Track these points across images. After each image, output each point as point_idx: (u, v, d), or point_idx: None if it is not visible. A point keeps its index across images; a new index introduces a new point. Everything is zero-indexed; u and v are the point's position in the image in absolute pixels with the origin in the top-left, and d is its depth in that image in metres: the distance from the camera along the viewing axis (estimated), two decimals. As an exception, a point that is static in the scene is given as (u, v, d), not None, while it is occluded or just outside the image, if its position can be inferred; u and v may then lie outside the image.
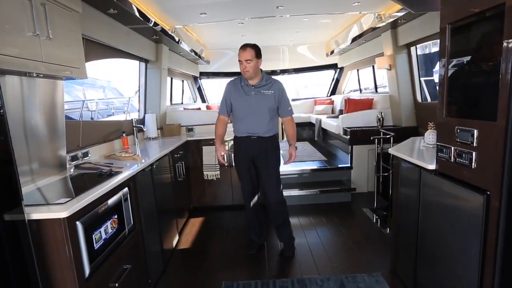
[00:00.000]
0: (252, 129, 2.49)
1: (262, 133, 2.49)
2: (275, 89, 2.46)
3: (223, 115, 2.59)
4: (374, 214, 3.44)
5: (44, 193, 1.67)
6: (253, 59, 2.35)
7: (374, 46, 4.38)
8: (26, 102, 1.76)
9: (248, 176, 2.62)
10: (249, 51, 2.35)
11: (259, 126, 2.48)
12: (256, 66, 2.39)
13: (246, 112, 2.48)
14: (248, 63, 2.35)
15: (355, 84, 6.26)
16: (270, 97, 2.45)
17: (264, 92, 2.45)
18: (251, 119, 2.47)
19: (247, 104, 2.46)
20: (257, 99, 2.45)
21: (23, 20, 1.44)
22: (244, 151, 2.57)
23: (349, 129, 3.98)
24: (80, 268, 1.43)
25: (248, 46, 2.36)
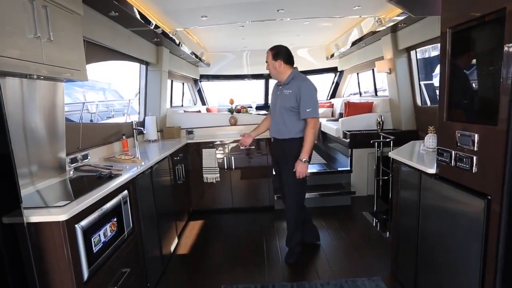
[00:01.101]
0: (272, 129, 2.55)
1: (280, 134, 2.46)
2: (293, 88, 2.34)
3: (269, 114, 2.71)
4: (374, 217, 3.43)
5: (43, 195, 1.66)
6: (270, 61, 2.41)
7: (374, 49, 4.40)
8: (26, 104, 1.75)
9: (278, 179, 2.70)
10: (268, 54, 2.43)
11: (276, 127, 2.48)
12: (274, 68, 2.41)
13: (272, 111, 2.56)
14: (268, 65, 2.45)
15: (355, 88, 6.27)
16: (289, 96, 2.36)
17: (284, 92, 2.41)
18: (274, 119, 2.51)
19: (274, 104, 2.53)
20: (278, 99, 2.46)
21: (24, 22, 1.44)
22: (272, 153, 2.73)
23: (349, 132, 3.98)
24: (78, 272, 1.42)
25: (268, 49, 2.44)
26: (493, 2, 1.27)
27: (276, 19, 3.52)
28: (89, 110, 5.31)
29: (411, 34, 3.46)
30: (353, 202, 3.86)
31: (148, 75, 3.82)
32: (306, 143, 2.33)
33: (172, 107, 5.26)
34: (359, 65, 5.39)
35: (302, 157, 2.33)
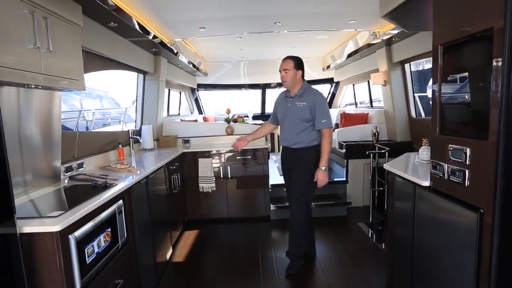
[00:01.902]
0: (284, 139, 2.59)
1: (293, 144, 2.50)
2: (308, 101, 2.43)
3: (269, 122, 2.77)
4: (370, 228, 3.43)
5: (37, 205, 1.65)
6: (291, 69, 2.42)
7: (370, 62, 4.48)
8: (22, 112, 1.75)
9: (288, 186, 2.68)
10: (288, 61, 2.44)
11: (290, 137, 2.51)
12: (294, 77, 2.43)
13: (282, 122, 2.60)
14: (286, 72, 2.43)
15: (351, 98, 6.35)
16: (303, 109, 2.43)
17: (297, 104, 2.46)
18: (285, 129, 2.56)
19: (283, 115, 2.56)
20: (290, 110, 2.50)
21: (24, 32, 1.46)
22: (282, 161, 2.67)
23: (344, 143, 4.01)
24: (70, 283, 1.40)
25: (288, 58, 2.47)
26: (482, 21, 1.31)
27: (273, 31, 3.59)
28: (85, 118, 5.31)
29: (405, 47, 3.54)
30: (349, 213, 3.86)
31: (145, 84, 3.84)
32: (325, 152, 2.45)
33: (168, 115, 5.27)
34: (355, 77, 5.47)
35: (322, 166, 2.45)
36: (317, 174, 2.46)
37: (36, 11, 1.49)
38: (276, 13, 2.92)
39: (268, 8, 2.77)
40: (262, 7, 2.72)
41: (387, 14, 2.04)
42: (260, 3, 2.62)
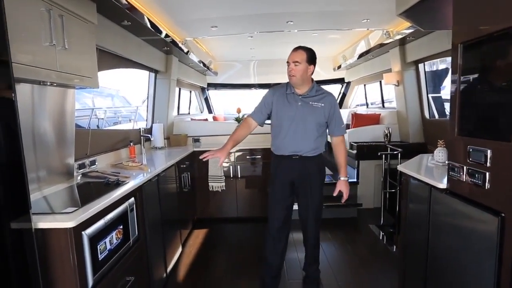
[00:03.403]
0: (294, 146, 2.09)
1: (306, 152, 2.10)
2: (326, 102, 2.08)
3: (253, 119, 2.18)
4: (381, 231, 3.38)
5: (51, 201, 1.66)
6: (302, 62, 1.99)
7: (382, 62, 4.41)
8: (36, 109, 1.78)
9: (284, 206, 2.19)
10: (300, 53, 2.01)
11: (302, 144, 2.09)
12: (305, 72, 2.01)
13: (289, 126, 2.08)
14: (296, 65, 1.99)
15: (362, 98, 6.27)
16: (320, 110, 2.08)
17: (313, 104, 2.07)
18: (295, 134, 2.08)
19: (291, 116, 2.07)
20: (303, 111, 2.06)
21: (41, 30, 1.47)
22: (283, 174, 2.15)
23: (355, 143, 3.96)
24: (83, 279, 1.41)
25: (300, 48, 2.04)
26: (505, 19, 1.26)
27: (284, 31, 3.56)
28: (97, 116, 5.39)
29: (419, 47, 3.46)
30: (359, 215, 3.81)
31: (156, 83, 3.86)
32: (345, 162, 2.24)
33: (179, 114, 5.30)
34: (366, 77, 5.40)
35: (345, 176, 2.22)
36: (341, 186, 2.20)
37: (52, 9, 1.51)
38: (288, 12, 2.89)
39: (280, 7, 2.75)
40: (274, 5, 2.70)
41: (404, 12, 2.00)
42: (273, 1, 2.60)
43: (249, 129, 2.20)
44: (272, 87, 2.22)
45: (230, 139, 2.13)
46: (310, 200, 2.18)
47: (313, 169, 2.15)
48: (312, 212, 2.20)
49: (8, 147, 1.22)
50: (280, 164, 2.17)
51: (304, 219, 2.24)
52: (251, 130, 2.21)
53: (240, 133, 2.17)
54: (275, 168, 2.21)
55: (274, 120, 2.16)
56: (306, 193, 2.17)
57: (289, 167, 2.14)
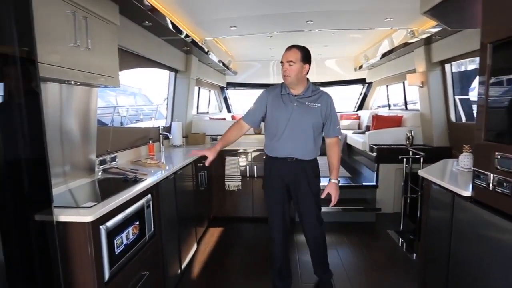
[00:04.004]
0: (290, 149, 2.05)
1: (302, 155, 2.06)
2: (322, 102, 2.03)
3: (246, 121, 2.16)
4: (400, 237, 3.26)
5: (73, 195, 1.74)
6: (297, 62, 1.93)
7: (406, 62, 4.25)
8: (64, 108, 1.86)
9: (280, 208, 2.15)
10: (294, 52, 1.95)
11: (299, 146, 2.05)
12: (300, 71, 1.95)
13: (285, 127, 2.03)
14: (290, 65, 1.93)
15: (384, 100, 6.09)
16: (316, 111, 2.03)
17: (309, 105, 2.02)
18: (290, 136, 2.03)
19: (286, 117, 2.02)
20: (299, 112, 2.02)
21: (66, 31, 1.54)
22: (277, 176, 2.11)
23: (375, 146, 3.85)
24: (100, 272, 1.46)
25: (294, 47, 1.98)
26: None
27: (304, 30, 3.52)
28: (120, 114, 5.58)
29: (446, 46, 3.31)
30: (377, 219, 3.70)
31: (176, 82, 3.94)
32: (339, 164, 2.15)
33: (198, 113, 5.38)
34: (389, 78, 5.23)
35: (336, 178, 2.11)
36: (331, 189, 2.09)
37: (77, 11, 1.57)
38: (308, 11, 2.85)
39: (300, 7, 2.71)
40: (293, 5, 2.67)
41: (429, 11, 1.91)
42: (292, 1, 2.57)
43: (240, 131, 2.17)
44: (266, 88, 2.18)
45: (220, 140, 2.15)
46: (310, 199, 2.12)
47: (309, 171, 2.10)
48: (311, 214, 2.15)
49: (33, 144, 1.29)
50: (275, 167, 2.12)
51: (304, 219, 2.18)
52: (243, 132, 2.18)
53: (230, 134, 2.16)
54: (269, 170, 2.17)
55: (269, 121, 2.11)
56: (304, 195, 2.11)
57: (285, 170, 2.09)
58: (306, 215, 2.16)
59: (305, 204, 2.13)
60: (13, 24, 1.21)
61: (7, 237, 1.27)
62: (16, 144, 1.30)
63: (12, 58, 1.21)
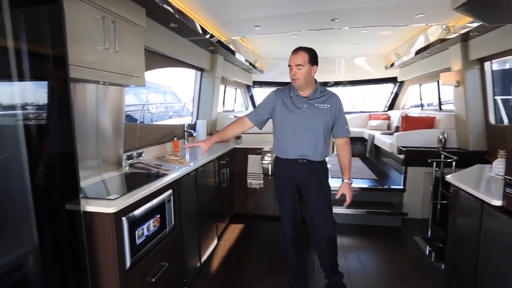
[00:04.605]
0: (302, 150, 2.05)
1: (314, 156, 2.05)
2: (332, 103, 2.04)
3: (250, 119, 2.16)
4: (428, 245, 3.10)
5: (101, 187, 1.87)
6: (305, 65, 1.94)
7: (440, 59, 4.01)
8: (99, 106, 2.02)
9: (292, 210, 2.15)
10: (302, 55, 1.95)
11: (310, 147, 2.04)
12: (308, 74, 1.96)
13: (295, 129, 2.04)
14: (298, 69, 1.95)
15: (417, 99, 5.79)
16: (326, 112, 2.03)
17: (319, 106, 2.03)
18: (301, 138, 2.04)
19: (297, 119, 2.03)
20: (309, 113, 2.02)
21: (96, 35, 1.65)
22: (288, 177, 2.12)
23: (404, 148, 3.68)
24: (122, 260, 1.56)
25: (301, 49, 1.98)
26: None
27: (333, 28, 3.43)
28: (150, 111, 5.85)
29: (485, 43, 3.07)
30: (403, 224, 3.54)
31: (202, 80, 4.04)
32: (350, 164, 2.14)
33: (223, 111, 5.48)
34: (422, 76, 4.96)
35: (349, 178, 2.12)
36: (345, 189, 2.11)
37: (106, 16, 1.68)
38: (333, 9, 2.79)
39: (324, 5, 2.66)
40: (317, 4, 2.63)
41: (461, 6, 1.79)
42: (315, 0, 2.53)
43: (242, 128, 2.18)
44: (274, 90, 2.19)
45: (219, 133, 2.22)
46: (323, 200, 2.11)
47: (320, 172, 2.10)
48: (324, 215, 2.14)
49: (64, 139, 1.41)
50: (286, 168, 2.12)
51: (316, 220, 2.16)
52: (245, 129, 2.19)
53: (231, 129, 2.19)
54: (279, 171, 2.18)
55: (278, 123, 2.12)
56: (316, 195, 2.11)
57: (296, 171, 2.09)
58: (318, 216, 2.14)
59: (317, 205, 2.12)
60: (47, 27, 1.33)
61: (42, 223, 1.40)
62: (49, 139, 1.43)
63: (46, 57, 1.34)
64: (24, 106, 1.33)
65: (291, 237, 2.21)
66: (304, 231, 2.29)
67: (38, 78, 1.35)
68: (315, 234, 2.21)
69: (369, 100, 7.93)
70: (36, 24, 1.33)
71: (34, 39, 1.31)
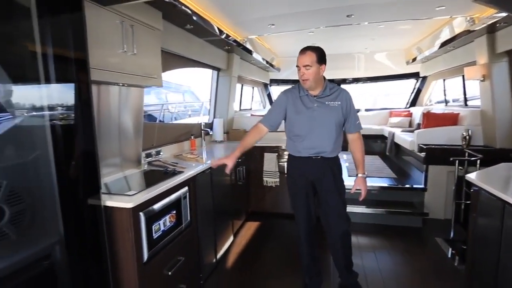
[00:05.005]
0: (316, 147, 2.07)
1: (328, 152, 2.07)
2: (342, 100, 2.05)
3: (265, 125, 2.16)
4: (450, 246, 2.99)
5: (121, 183, 1.97)
6: (313, 65, 1.94)
7: (465, 53, 3.84)
8: (122, 107, 2.13)
9: (306, 208, 2.17)
10: (309, 55, 1.96)
11: (324, 144, 2.06)
12: (317, 74, 1.97)
13: (309, 127, 2.06)
14: (307, 69, 1.95)
15: (441, 95, 5.56)
16: (337, 109, 2.04)
17: (330, 104, 2.04)
18: (315, 136, 2.06)
19: (309, 119, 2.05)
20: (321, 112, 2.04)
21: (115, 39, 1.74)
22: (301, 175, 2.14)
23: (425, 146, 3.56)
24: (139, 253, 1.64)
25: (308, 49, 1.99)
26: None
27: (350, 24, 3.37)
28: (169, 110, 6.03)
29: (514, 34, 2.91)
30: (424, 225, 3.44)
31: (218, 80, 4.11)
32: (363, 158, 2.16)
33: (240, 110, 5.53)
34: (446, 71, 4.76)
35: (363, 173, 2.14)
36: (360, 184, 2.13)
37: (124, 21, 1.76)
38: (348, 5, 2.74)
39: (338, 1, 2.63)
40: (330, 0, 2.60)
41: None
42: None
43: (259, 135, 2.18)
44: (283, 91, 2.19)
45: (239, 146, 2.15)
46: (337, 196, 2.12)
47: (334, 168, 2.13)
48: (338, 211, 2.14)
49: (86, 139, 1.50)
50: (300, 166, 2.14)
51: (330, 216, 2.16)
52: (262, 135, 2.19)
53: (249, 139, 2.18)
54: (293, 169, 2.20)
55: (290, 123, 2.12)
56: (330, 191, 2.12)
57: (310, 168, 2.11)
58: (332, 212, 2.15)
59: (331, 200, 2.13)
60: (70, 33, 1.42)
61: (67, 216, 1.51)
62: (74, 139, 1.53)
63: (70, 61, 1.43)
64: (50, 107, 1.43)
65: (305, 235, 2.23)
66: (319, 229, 2.28)
67: (63, 80, 1.45)
68: (329, 231, 2.21)
69: (394, 96, 7.70)
70: (61, 31, 1.43)
71: (59, 44, 1.41)
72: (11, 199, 1.25)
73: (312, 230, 2.24)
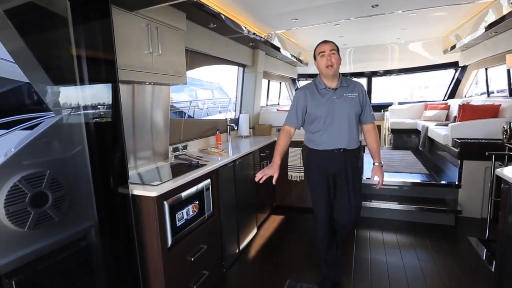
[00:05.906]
0: (337, 140, 2.08)
1: (349, 144, 2.09)
2: (359, 92, 2.09)
3: (291, 126, 2.18)
4: (485, 247, 2.81)
5: (149, 175, 2.13)
6: (336, 53, 2.03)
7: (508, 38, 3.52)
8: (154, 104, 2.30)
9: (326, 200, 2.17)
10: (332, 44, 2.05)
11: (346, 136, 2.07)
12: (340, 62, 2.05)
13: (330, 121, 2.06)
14: (333, 54, 2.00)
15: (483, 86, 5.14)
16: (355, 100, 2.07)
17: (348, 96, 2.07)
18: (336, 128, 2.07)
19: (329, 111, 2.05)
20: (340, 103, 2.05)
21: (142, 41, 1.88)
22: (323, 168, 2.14)
23: (460, 140, 3.35)
24: (164, 238, 1.78)
25: (330, 41, 2.07)
26: None
27: (380, 14, 3.26)
28: (199, 106, 6.25)
29: None
30: (457, 223, 3.26)
31: (244, 76, 4.19)
32: (379, 147, 2.22)
33: (267, 105, 5.58)
34: (489, 59, 4.40)
35: (379, 161, 2.19)
36: (377, 172, 2.18)
37: (150, 24, 1.90)
38: (372, -5, 2.67)
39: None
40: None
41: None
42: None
43: (290, 136, 2.20)
44: (300, 88, 2.21)
45: (276, 153, 2.14)
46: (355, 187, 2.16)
47: (355, 160, 2.16)
48: (356, 198, 2.18)
49: (116, 135, 1.66)
50: (321, 159, 2.15)
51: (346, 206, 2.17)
52: (292, 136, 2.21)
53: (283, 144, 2.18)
54: (314, 163, 2.19)
55: (311, 117, 2.12)
56: (349, 183, 2.14)
57: (332, 161, 2.12)
58: (349, 202, 2.16)
59: (351, 191, 2.15)
60: (101, 38, 1.58)
61: (100, 203, 1.68)
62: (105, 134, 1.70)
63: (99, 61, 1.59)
64: (85, 106, 1.61)
65: (324, 228, 2.23)
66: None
67: (95, 81, 1.62)
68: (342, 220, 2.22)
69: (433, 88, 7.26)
70: (93, 36, 1.59)
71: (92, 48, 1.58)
72: (53, 186, 1.44)
73: (331, 223, 2.24)
